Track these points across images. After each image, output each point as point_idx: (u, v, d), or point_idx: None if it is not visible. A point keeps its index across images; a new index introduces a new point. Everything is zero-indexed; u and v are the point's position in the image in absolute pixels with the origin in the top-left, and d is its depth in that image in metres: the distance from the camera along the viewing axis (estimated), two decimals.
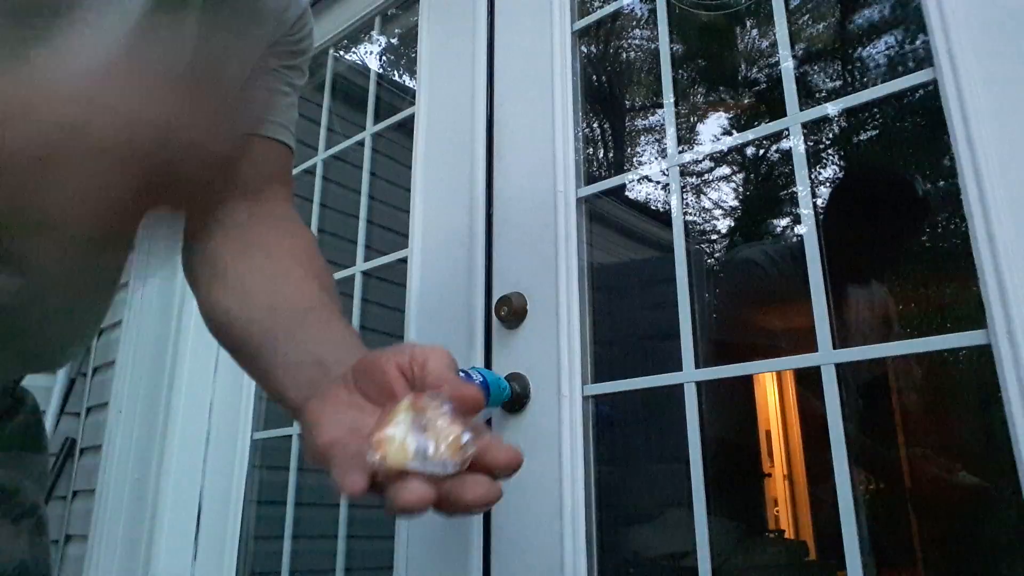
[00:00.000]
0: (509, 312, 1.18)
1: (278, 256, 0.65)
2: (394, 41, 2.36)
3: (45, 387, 2.06)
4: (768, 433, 2.33)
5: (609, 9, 1.36)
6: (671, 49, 1.24)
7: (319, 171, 1.83)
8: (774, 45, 1.17)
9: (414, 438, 0.37)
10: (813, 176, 1.27)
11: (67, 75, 0.46)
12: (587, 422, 1.12)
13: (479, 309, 1.25)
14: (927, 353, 1.20)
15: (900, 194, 1.71)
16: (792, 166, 1.04)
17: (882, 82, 0.99)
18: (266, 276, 0.63)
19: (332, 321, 0.58)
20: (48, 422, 2.03)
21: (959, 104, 0.87)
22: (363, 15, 1.79)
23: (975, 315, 0.83)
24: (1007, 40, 0.87)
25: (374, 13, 1.78)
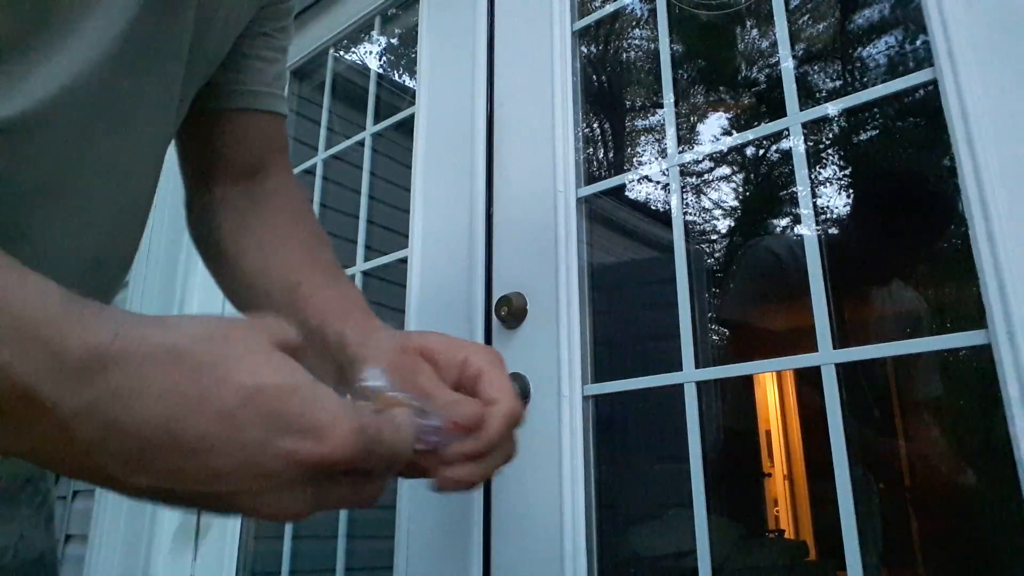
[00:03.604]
0: (509, 312, 1.18)
1: (271, 236, 0.66)
2: (394, 41, 2.36)
3: None
4: (768, 433, 2.33)
5: (609, 9, 1.35)
6: (671, 49, 1.23)
7: (319, 171, 1.83)
8: (774, 45, 1.17)
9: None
10: (813, 176, 1.27)
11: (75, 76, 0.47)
12: (587, 422, 1.11)
13: (479, 309, 1.25)
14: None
15: (925, 195, 1.71)
16: (792, 166, 1.04)
17: (882, 82, 0.99)
18: (258, 260, 0.64)
19: (326, 287, 0.61)
20: None
21: (959, 104, 0.87)
22: (363, 15, 1.79)
23: (975, 315, 0.82)
24: (1007, 40, 0.87)
25: (374, 13, 1.78)
